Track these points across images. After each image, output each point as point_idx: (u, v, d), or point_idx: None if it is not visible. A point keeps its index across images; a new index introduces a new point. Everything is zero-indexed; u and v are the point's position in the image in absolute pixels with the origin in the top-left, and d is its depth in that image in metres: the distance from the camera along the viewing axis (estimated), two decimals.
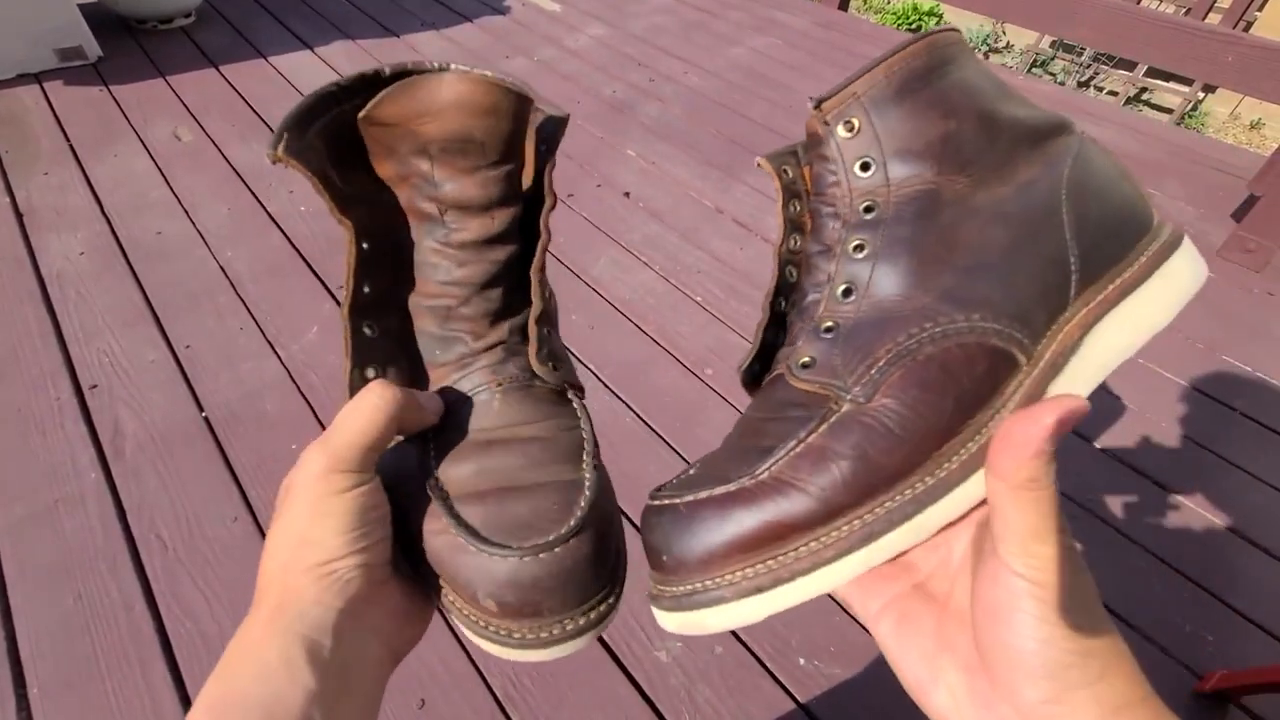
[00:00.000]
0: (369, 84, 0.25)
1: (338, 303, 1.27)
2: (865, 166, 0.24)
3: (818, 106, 0.25)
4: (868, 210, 0.24)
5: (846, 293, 0.24)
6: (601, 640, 0.83)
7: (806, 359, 0.24)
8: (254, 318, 1.24)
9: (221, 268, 1.34)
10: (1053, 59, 4.16)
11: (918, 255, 0.24)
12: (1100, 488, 1.05)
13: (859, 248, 0.24)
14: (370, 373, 0.26)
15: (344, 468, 0.23)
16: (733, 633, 0.84)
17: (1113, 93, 4.02)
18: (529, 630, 0.23)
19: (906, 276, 0.24)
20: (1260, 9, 3.45)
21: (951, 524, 0.24)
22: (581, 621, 0.24)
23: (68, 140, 1.67)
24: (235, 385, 1.11)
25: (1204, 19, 2.14)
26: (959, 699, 0.21)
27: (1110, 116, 2.06)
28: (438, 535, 0.24)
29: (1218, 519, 1.01)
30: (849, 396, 0.23)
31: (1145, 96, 4.11)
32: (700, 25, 2.47)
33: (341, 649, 0.22)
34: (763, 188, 1.65)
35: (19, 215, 1.44)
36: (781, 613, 0.22)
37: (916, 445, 0.22)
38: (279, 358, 1.16)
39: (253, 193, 1.54)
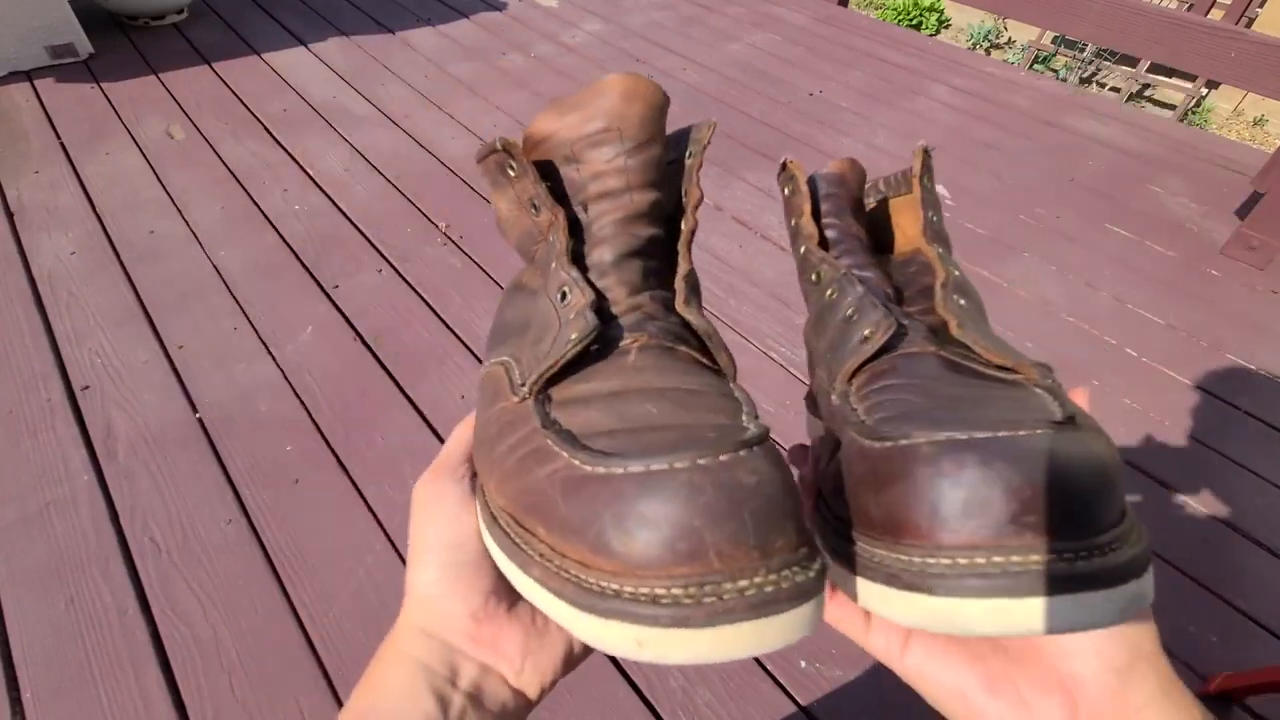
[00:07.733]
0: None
1: (332, 303, 1.26)
2: None
3: None
4: None
5: None
6: None
7: None
8: (247, 318, 1.22)
9: (215, 267, 1.33)
10: (1054, 55, 4.15)
11: None
12: None
13: None
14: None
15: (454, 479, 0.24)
16: None
17: (1115, 89, 4.01)
18: (691, 590, 0.15)
19: None
20: (1261, 6, 3.44)
21: None
22: (776, 580, 0.15)
23: (59, 138, 1.65)
24: (229, 386, 1.10)
25: (1206, 15, 2.12)
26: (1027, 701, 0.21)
27: (1113, 113, 2.04)
28: (545, 479, 0.18)
29: (1222, 518, 1.00)
30: None
31: (1148, 93, 4.09)
32: (698, 20, 2.46)
33: (460, 682, 0.21)
34: (764, 186, 1.64)
35: (9, 214, 1.42)
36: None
37: None
38: (273, 358, 1.15)
39: (246, 191, 1.52)
